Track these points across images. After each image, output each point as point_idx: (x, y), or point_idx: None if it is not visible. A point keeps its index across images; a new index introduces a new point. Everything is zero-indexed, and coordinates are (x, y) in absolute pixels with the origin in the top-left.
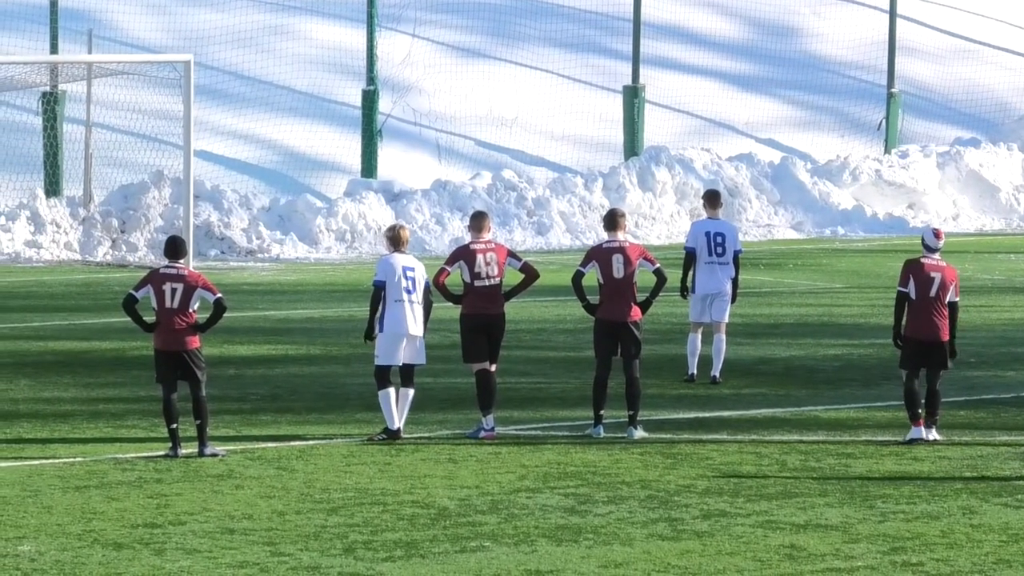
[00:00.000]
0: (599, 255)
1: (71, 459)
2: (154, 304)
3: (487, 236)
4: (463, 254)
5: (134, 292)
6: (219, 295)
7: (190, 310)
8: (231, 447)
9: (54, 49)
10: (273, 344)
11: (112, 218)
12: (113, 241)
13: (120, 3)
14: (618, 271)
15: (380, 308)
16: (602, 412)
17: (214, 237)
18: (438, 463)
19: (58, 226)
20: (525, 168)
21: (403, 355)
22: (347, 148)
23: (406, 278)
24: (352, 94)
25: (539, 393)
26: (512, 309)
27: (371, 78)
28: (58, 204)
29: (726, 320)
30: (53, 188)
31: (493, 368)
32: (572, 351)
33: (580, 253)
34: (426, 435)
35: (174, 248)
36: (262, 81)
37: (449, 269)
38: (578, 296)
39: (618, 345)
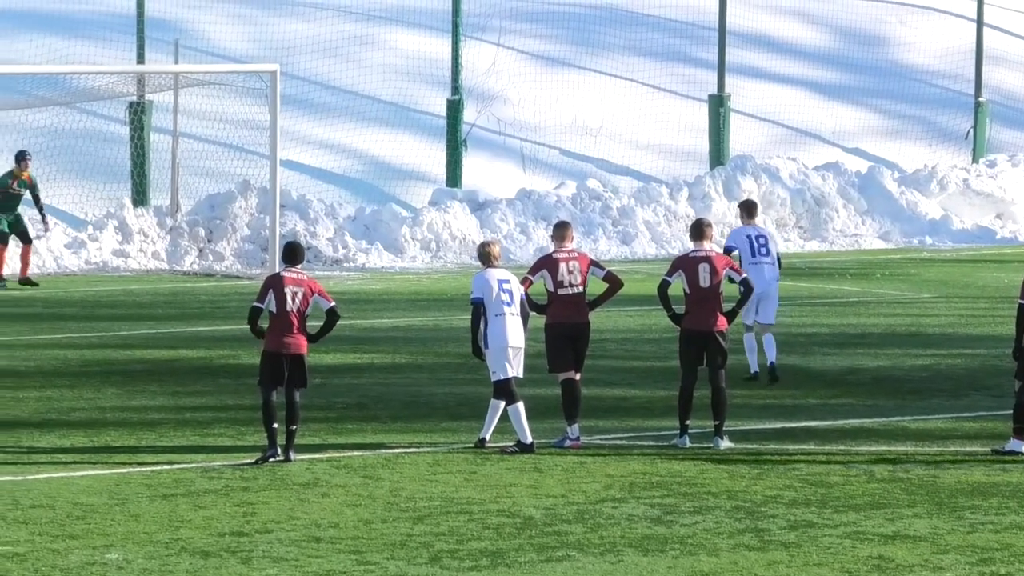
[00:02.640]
0: (685, 264)
1: (158, 467)
2: (273, 308)
3: (570, 245)
4: (546, 264)
5: (258, 304)
6: (333, 304)
7: (306, 315)
8: (317, 456)
9: (141, 59)
10: (359, 353)
11: (199, 227)
12: (200, 250)
13: (207, 13)
14: (704, 280)
15: (482, 324)
16: (688, 422)
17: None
18: (524, 472)
19: (145, 235)
20: (610, 177)
21: (516, 366)
22: (432, 158)
23: (503, 291)
24: (437, 104)
25: (624, 403)
26: (597, 319)
27: (456, 88)
28: (145, 213)
29: (774, 322)
30: (140, 198)
31: (578, 377)
32: (658, 361)
33: (665, 263)
34: (511, 444)
35: (293, 253)
36: (348, 91)
37: (532, 279)
38: (664, 306)
39: (704, 355)
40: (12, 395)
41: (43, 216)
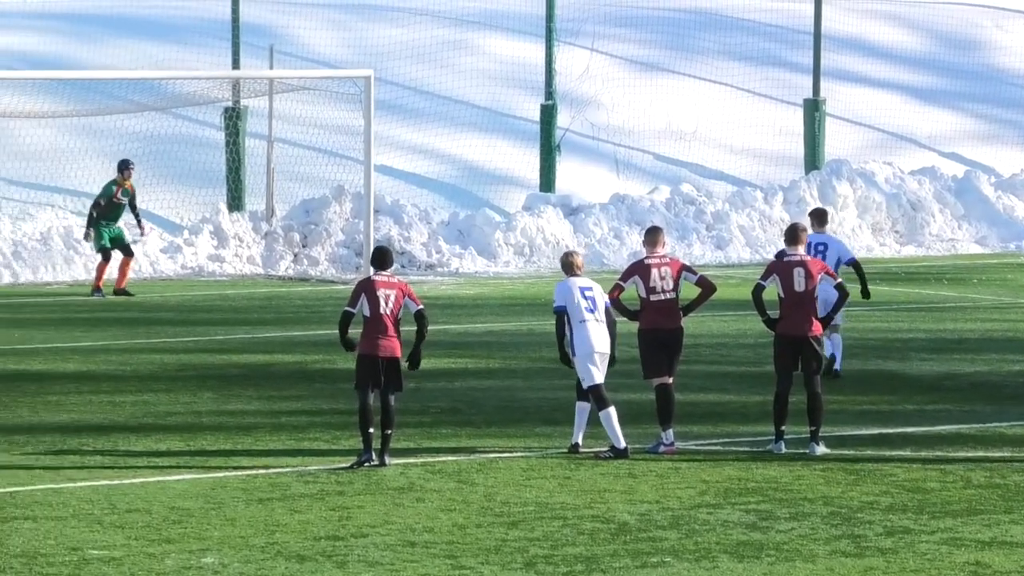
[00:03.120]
0: (780, 269)
1: (254, 471)
2: (367, 312)
3: (661, 251)
4: (637, 269)
5: (350, 308)
6: (421, 306)
7: (399, 318)
8: (412, 460)
9: (236, 64)
10: (453, 357)
11: (294, 232)
12: (295, 255)
13: (302, 18)
14: (799, 285)
15: (568, 332)
16: (783, 427)
17: (394, 251)
18: (618, 478)
19: (241, 240)
20: (704, 182)
21: (601, 371)
22: (525, 162)
23: (585, 298)
24: (531, 108)
25: (719, 408)
26: (691, 324)
27: (549, 92)
28: (241, 218)
29: (841, 323)
30: (236, 203)
31: (671, 382)
32: (753, 366)
33: (759, 268)
34: (606, 449)
35: (383, 257)
36: (441, 96)
37: (624, 285)
38: (758, 310)
39: (799, 360)
40: (109, 399)
41: (139, 221)
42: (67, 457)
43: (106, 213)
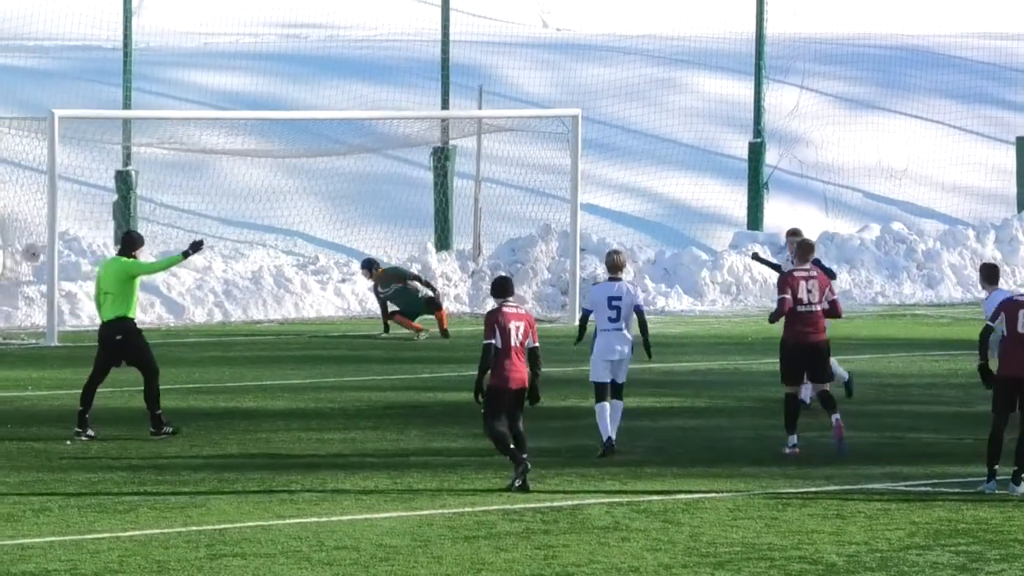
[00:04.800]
0: (1008, 308)
1: (460, 509)
2: (498, 343)
3: (808, 265)
4: (787, 282)
5: (492, 341)
6: (537, 344)
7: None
8: (617, 500)
9: (445, 105)
10: (658, 396)
11: (500, 271)
12: None
13: (510, 58)
14: (1023, 326)
15: (594, 332)
16: (996, 467)
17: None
18: (826, 518)
19: (448, 279)
20: (915, 220)
21: (618, 374)
22: (733, 200)
23: (611, 308)
24: (739, 146)
25: (929, 449)
26: (901, 363)
27: (758, 130)
28: (448, 257)
29: None
30: (443, 242)
31: (827, 387)
32: (963, 406)
33: (970, 307)
34: (813, 490)
35: (505, 287)
36: (649, 134)
37: (787, 298)
38: (980, 352)
39: (1017, 400)
40: (317, 436)
41: (425, 283)
42: (276, 495)
43: (396, 300)
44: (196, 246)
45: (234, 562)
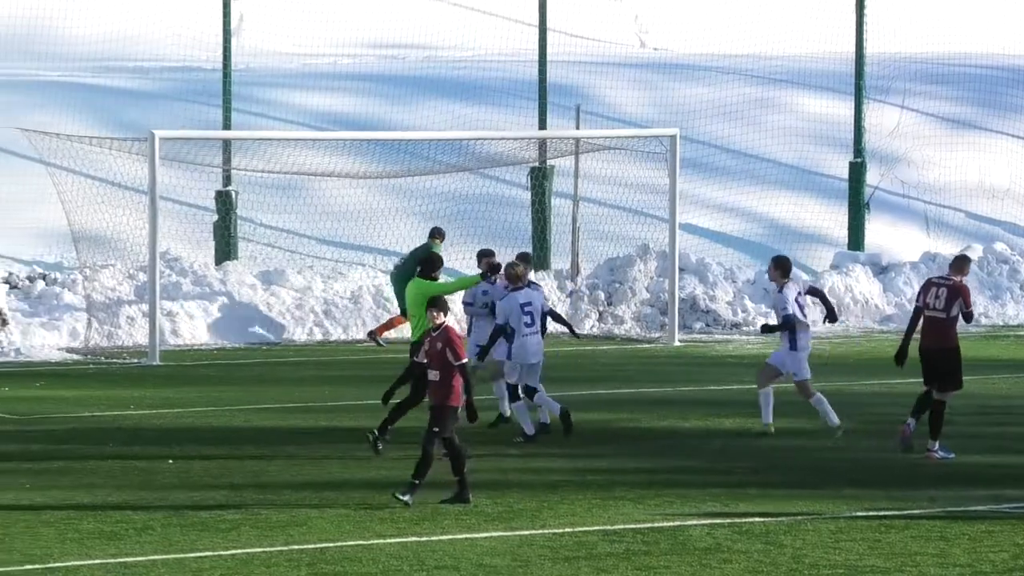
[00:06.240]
0: None
1: (560, 529)
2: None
3: (957, 276)
4: (923, 286)
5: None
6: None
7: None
8: (719, 521)
9: (543, 125)
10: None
11: (599, 291)
12: (600, 314)
13: (607, 78)
14: None
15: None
16: None
17: (699, 310)
18: (929, 540)
19: (546, 299)
20: (1018, 240)
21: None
22: (834, 220)
23: (524, 313)
24: (839, 166)
25: None
26: (1005, 385)
27: (859, 150)
28: (546, 277)
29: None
30: (541, 261)
31: (948, 395)
32: None
33: None
34: (916, 512)
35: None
36: (748, 154)
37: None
38: None
39: None
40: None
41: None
42: (376, 513)
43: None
44: (493, 268)
45: None
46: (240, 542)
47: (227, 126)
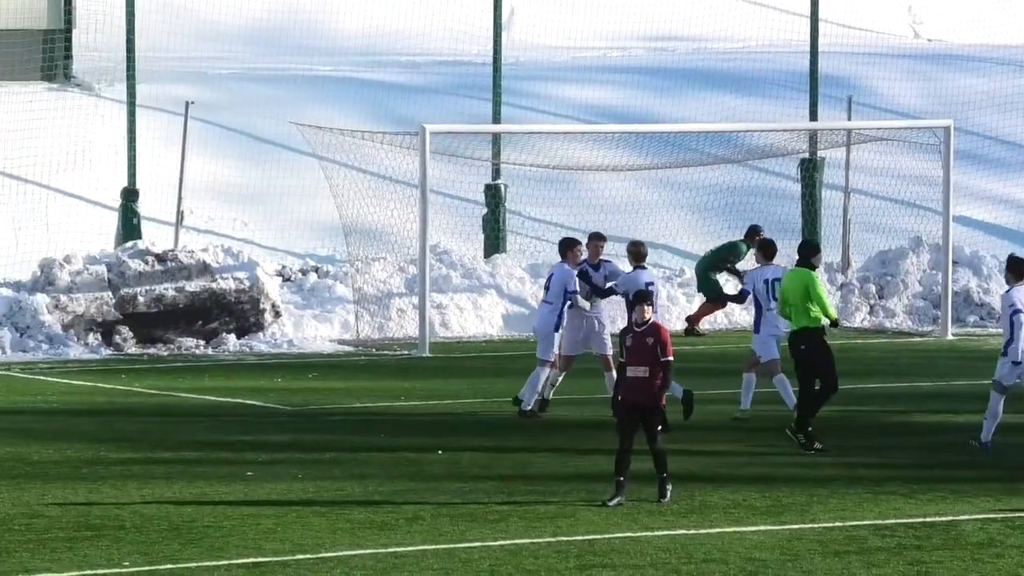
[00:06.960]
0: None
1: (830, 524)
2: None
3: None
4: None
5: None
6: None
7: None
8: (992, 516)
9: (814, 116)
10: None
11: (870, 284)
12: (871, 307)
13: (880, 68)
14: None
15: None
16: None
17: (973, 303)
18: None
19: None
20: None
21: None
22: None
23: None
24: None
25: None
26: None
27: None
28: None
29: None
30: None
31: None
32: None
33: None
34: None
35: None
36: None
37: None
38: None
39: None
40: (686, 448)
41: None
42: (643, 505)
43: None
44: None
45: (603, 573)
46: (509, 533)
47: (496, 120)
